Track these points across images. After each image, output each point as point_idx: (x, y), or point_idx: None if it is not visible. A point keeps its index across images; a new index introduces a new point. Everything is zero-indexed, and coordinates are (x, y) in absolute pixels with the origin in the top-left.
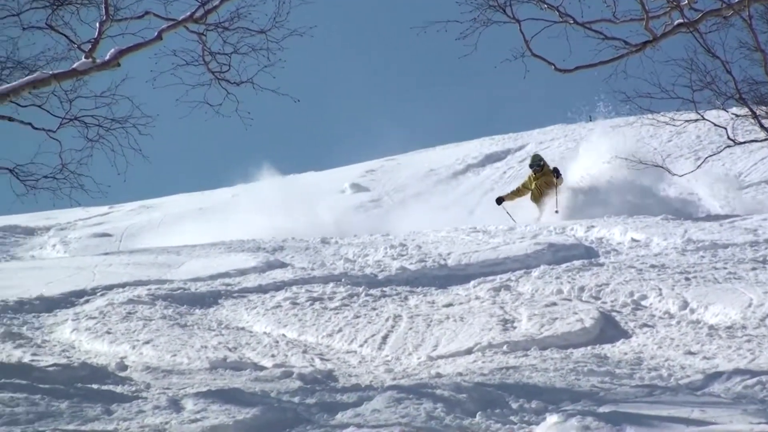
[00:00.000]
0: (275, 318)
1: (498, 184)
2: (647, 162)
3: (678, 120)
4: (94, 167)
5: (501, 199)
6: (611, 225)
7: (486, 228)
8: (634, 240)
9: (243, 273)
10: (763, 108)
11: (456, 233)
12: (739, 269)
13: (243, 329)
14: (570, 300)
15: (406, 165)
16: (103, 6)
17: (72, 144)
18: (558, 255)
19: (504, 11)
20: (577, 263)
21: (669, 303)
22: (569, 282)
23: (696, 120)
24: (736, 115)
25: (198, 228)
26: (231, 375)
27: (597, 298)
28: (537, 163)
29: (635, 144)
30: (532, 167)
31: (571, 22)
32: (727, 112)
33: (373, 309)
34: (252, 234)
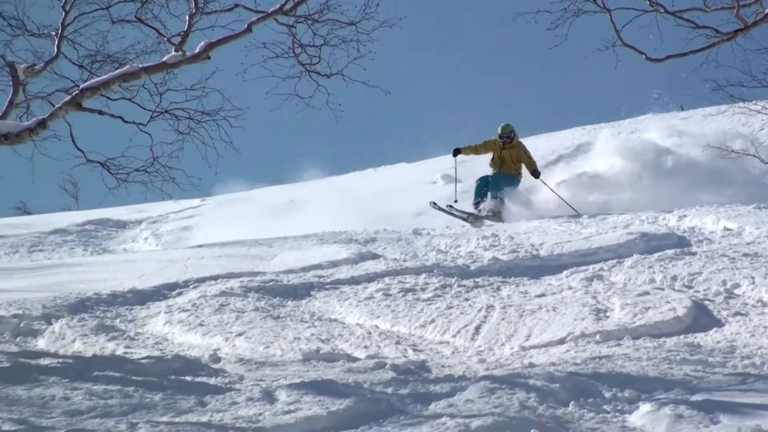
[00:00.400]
0: (368, 309)
1: None
2: (739, 151)
3: None
4: (185, 160)
5: (458, 151)
6: (703, 214)
7: (578, 218)
8: (726, 229)
9: (335, 264)
10: None
11: (548, 223)
12: None
13: (336, 321)
14: (663, 289)
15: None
16: None
17: (163, 137)
18: (650, 244)
19: (594, 1)
20: (670, 252)
21: (762, 291)
22: (662, 271)
23: None
24: None
25: (290, 220)
26: (324, 366)
27: (690, 287)
28: (507, 135)
29: (727, 133)
30: (501, 138)
31: (662, 11)
32: None
33: (466, 299)
34: (344, 226)
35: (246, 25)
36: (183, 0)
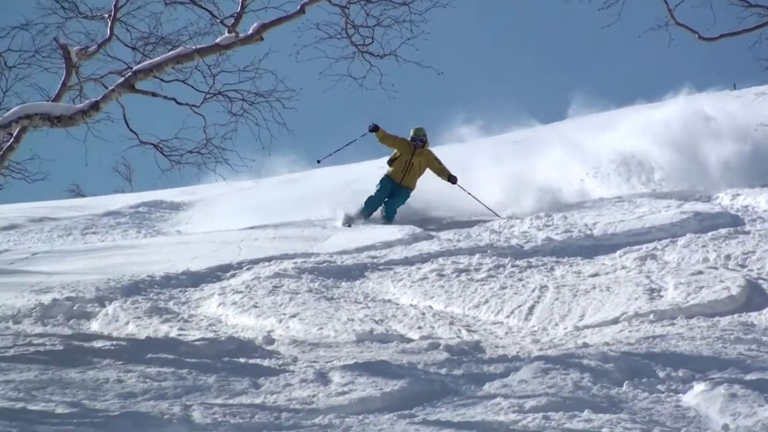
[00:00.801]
0: (422, 290)
1: None
2: None
3: None
4: (238, 141)
5: (377, 128)
6: (756, 193)
7: (631, 197)
8: None
9: (389, 245)
10: None
11: (601, 203)
12: None
13: (389, 302)
14: (716, 268)
15: (549, 136)
16: None
17: (216, 118)
18: (704, 223)
19: None
20: (723, 231)
21: None
22: (715, 250)
23: None
24: None
25: (343, 201)
26: (378, 347)
27: (743, 266)
28: (421, 138)
29: None
30: (414, 140)
31: None
32: None
33: (520, 280)
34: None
35: (299, 7)
36: None
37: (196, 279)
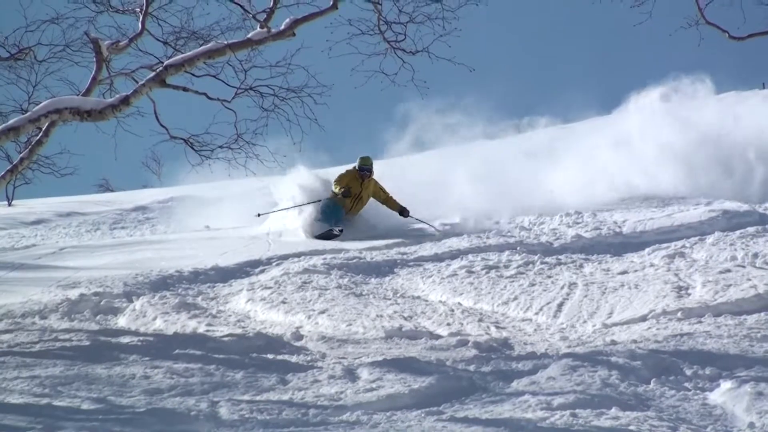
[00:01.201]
0: (451, 286)
1: None
2: None
3: None
4: (269, 137)
5: (346, 193)
6: None
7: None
8: None
9: (419, 241)
10: None
11: (631, 201)
12: None
13: (419, 298)
14: (744, 266)
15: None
16: None
17: (247, 114)
18: (732, 222)
19: None
20: (751, 230)
21: None
22: (743, 249)
23: None
24: None
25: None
26: (406, 344)
27: None
28: (368, 168)
29: None
30: (362, 171)
31: None
32: None
33: (549, 277)
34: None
35: (331, 2)
36: None
37: (224, 274)
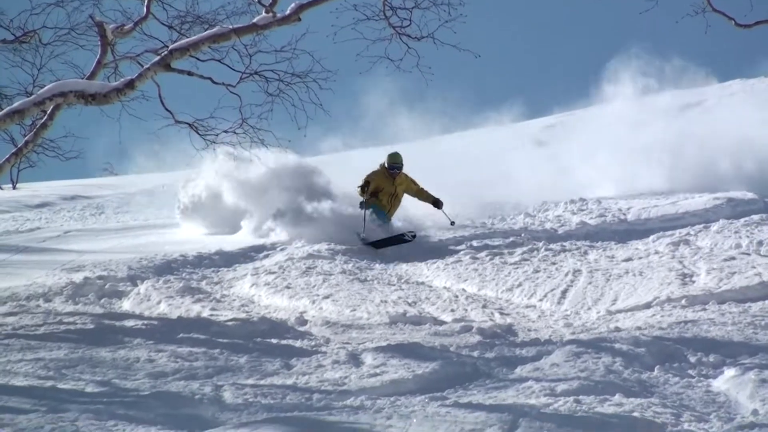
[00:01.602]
0: (455, 273)
1: None
2: None
3: None
4: (274, 122)
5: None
6: None
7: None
8: None
9: (424, 228)
10: None
11: (635, 188)
12: None
13: (423, 284)
14: (748, 254)
15: (584, 120)
16: None
17: (252, 98)
18: (737, 210)
19: None
20: (756, 218)
21: None
22: (748, 236)
23: None
24: None
25: None
26: (410, 329)
27: None
28: (398, 165)
29: None
30: (391, 169)
31: None
32: None
33: (553, 264)
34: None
35: None
36: None
37: (229, 259)
